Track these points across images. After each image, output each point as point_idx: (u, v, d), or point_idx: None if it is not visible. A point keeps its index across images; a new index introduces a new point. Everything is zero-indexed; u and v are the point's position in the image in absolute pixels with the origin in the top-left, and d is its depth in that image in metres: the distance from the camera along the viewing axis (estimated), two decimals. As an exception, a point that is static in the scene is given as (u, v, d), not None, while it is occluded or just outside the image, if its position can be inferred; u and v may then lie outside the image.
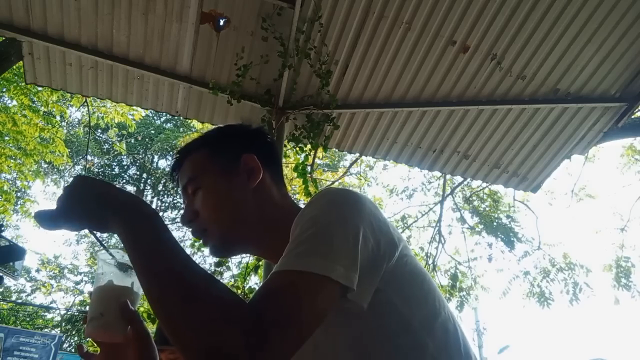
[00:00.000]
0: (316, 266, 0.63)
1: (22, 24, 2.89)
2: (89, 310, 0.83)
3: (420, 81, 3.14)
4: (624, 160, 9.10)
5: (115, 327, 0.81)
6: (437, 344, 0.74)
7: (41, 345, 9.59)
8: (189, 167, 0.94)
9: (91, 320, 0.82)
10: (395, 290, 0.74)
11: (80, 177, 0.75)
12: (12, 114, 7.16)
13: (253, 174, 0.91)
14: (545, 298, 8.51)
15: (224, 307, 0.60)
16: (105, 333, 0.82)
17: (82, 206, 0.71)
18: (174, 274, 0.62)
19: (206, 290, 0.61)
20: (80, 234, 17.34)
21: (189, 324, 0.58)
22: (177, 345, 0.59)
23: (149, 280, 0.64)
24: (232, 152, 0.93)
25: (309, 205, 0.77)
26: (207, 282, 0.63)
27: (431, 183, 9.23)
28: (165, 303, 0.62)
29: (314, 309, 0.63)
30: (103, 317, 0.81)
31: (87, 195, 0.72)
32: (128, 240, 0.68)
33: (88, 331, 0.82)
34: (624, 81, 3.04)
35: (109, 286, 0.84)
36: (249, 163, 0.92)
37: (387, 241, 0.74)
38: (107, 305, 0.82)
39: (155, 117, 16.51)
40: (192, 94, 3.34)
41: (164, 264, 0.64)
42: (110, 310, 0.81)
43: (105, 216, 0.71)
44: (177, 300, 0.60)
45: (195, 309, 0.59)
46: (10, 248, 1.89)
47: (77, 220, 0.72)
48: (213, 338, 0.57)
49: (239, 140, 0.97)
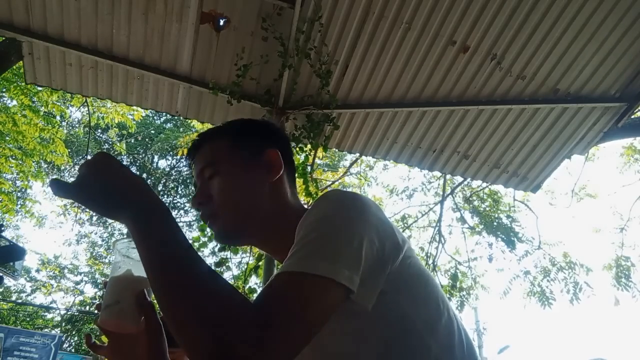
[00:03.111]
0: (321, 268, 0.64)
1: (22, 24, 2.90)
2: (104, 298, 0.83)
3: (420, 81, 3.14)
4: (624, 159, 9.10)
5: (130, 315, 0.80)
6: (440, 345, 0.74)
7: (41, 345, 9.59)
8: (210, 152, 0.94)
9: (107, 307, 0.81)
10: (399, 292, 0.74)
11: (102, 155, 0.72)
12: (12, 114, 7.16)
13: (274, 169, 0.92)
14: (545, 297, 8.50)
15: (230, 307, 0.60)
16: (120, 321, 0.81)
17: (98, 190, 0.69)
18: (181, 272, 0.63)
19: (212, 290, 0.62)
20: (80, 234, 17.35)
21: (194, 322, 0.59)
22: (181, 343, 0.60)
23: (155, 277, 0.64)
24: (256, 145, 0.94)
25: (314, 207, 0.77)
26: (214, 281, 0.63)
27: (431, 183, 9.23)
28: (172, 301, 0.62)
29: (319, 311, 0.63)
30: (119, 305, 0.80)
31: (106, 178, 0.69)
32: (137, 234, 0.67)
33: (102, 318, 0.81)
34: (624, 81, 3.04)
35: (127, 275, 0.83)
36: (273, 158, 0.93)
37: (392, 244, 0.75)
38: (124, 293, 0.81)
39: (155, 117, 16.50)
40: (192, 94, 3.34)
41: (171, 262, 0.64)
42: (127, 298, 0.80)
43: (117, 206, 0.69)
44: (184, 299, 0.61)
45: (201, 307, 0.59)
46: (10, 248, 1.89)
47: (89, 203, 0.70)
48: (218, 338, 0.57)
49: (263, 135, 0.98)
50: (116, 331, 0.85)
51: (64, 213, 14.20)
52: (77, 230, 16.82)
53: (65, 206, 14.16)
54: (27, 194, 11.22)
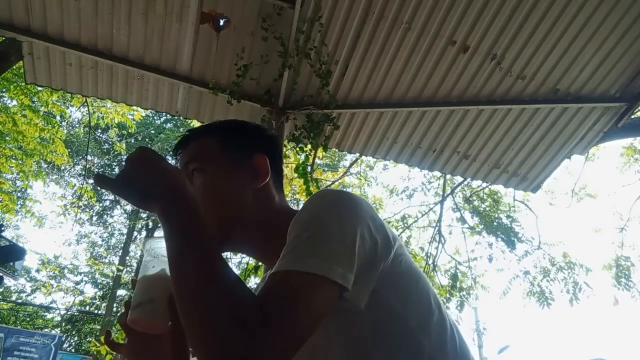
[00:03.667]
0: (315, 267, 0.64)
1: (22, 24, 2.90)
2: (134, 296, 0.81)
3: (420, 81, 3.14)
4: (624, 159, 9.10)
5: (162, 315, 0.79)
6: (433, 343, 0.74)
7: (41, 345, 9.60)
8: (196, 149, 0.93)
9: (139, 305, 0.80)
10: (392, 290, 0.74)
11: (141, 150, 0.74)
12: (12, 114, 7.17)
13: (260, 175, 0.91)
14: (545, 297, 8.51)
15: (235, 307, 0.61)
16: (151, 320, 0.80)
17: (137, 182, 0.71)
18: (198, 268, 0.64)
19: (222, 288, 0.62)
20: (80, 234, 17.36)
21: (199, 318, 0.60)
22: (188, 336, 0.62)
23: (177, 270, 0.65)
24: (244, 148, 0.93)
25: (306, 207, 0.77)
26: (225, 279, 0.64)
27: (431, 183, 9.23)
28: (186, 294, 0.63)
29: (314, 310, 0.63)
30: (152, 304, 0.79)
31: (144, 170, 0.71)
32: (163, 226, 0.68)
33: (133, 316, 0.80)
34: (624, 81, 3.04)
35: (161, 274, 0.82)
36: (260, 164, 0.92)
37: (384, 241, 0.75)
38: (158, 292, 0.80)
39: (155, 117, 16.50)
40: (192, 94, 3.34)
41: (190, 260, 0.65)
42: (160, 298, 0.79)
43: (150, 198, 0.70)
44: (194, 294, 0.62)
45: (208, 305, 0.61)
46: (10, 248, 1.89)
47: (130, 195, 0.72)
48: (219, 337, 0.58)
49: (253, 139, 0.97)
50: (146, 330, 0.83)
51: (64, 213, 14.20)
52: (77, 230, 16.85)
53: (65, 206, 14.17)
54: (27, 194, 11.24)
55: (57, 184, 15.92)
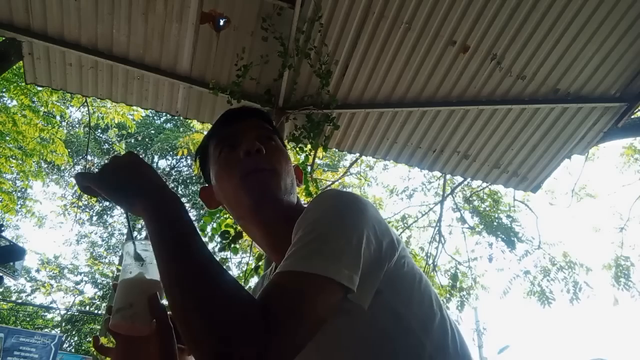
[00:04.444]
0: (321, 268, 0.64)
1: (22, 24, 2.90)
2: (115, 301, 0.82)
3: (420, 81, 3.14)
4: (624, 159, 9.11)
5: (143, 318, 0.80)
6: (434, 344, 0.75)
7: (41, 345, 9.59)
8: (270, 125, 1.02)
9: (118, 310, 0.80)
10: (394, 292, 0.75)
11: (128, 153, 0.78)
12: (12, 114, 7.16)
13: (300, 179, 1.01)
14: (545, 297, 8.51)
15: (234, 305, 0.60)
16: (133, 325, 0.80)
17: (118, 181, 0.74)
18: (192, 267, 0.63)
19: (217, 286, 0.62)
20: (80, 234, 17.35)
21: (199, 320, 0.59)
22: (186, 340, 0.60)
23: (167, 270, 0.65)
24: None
25: (311, 206, 0.77)
26: (219, 276, 0.63)
27: (431, 183, 9.23)
28: (181, 296, 0.62)
29: (319, 310, 0.63)
30: (132, 308, 0.80)
31: (127, 171, 0.74)
32: (149, 225, 0.69)
33: (114, 322, 0.80)
34: (624, 81, 3.04)
35: (139, 278, 0.83)
36: (297, 174, 1.00)
37: (389, 243, 0.75)
38: (137, 296, 0.81)
39: (155, 117, 16.51)
40: (192, 94, 3.34)
41: (183, 255, 0.65)
42: (140, 302, 0.80)
43: (130, 195, 0.73)
44: (192, 295, 0.61)
45: (206, 305, 0.60)
46: (10, 248, 1.89)
47: (108, 192, 0.75)
48: (221, 337, 0.57)
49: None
50: (129, 334, 0.84)
51: (64, 213, 14.21)
52: (77, 230, 16.84)
53: (65, 206, 14.17)
54: (27, 194, 11.24)
55: (57, 184, 15.92)
